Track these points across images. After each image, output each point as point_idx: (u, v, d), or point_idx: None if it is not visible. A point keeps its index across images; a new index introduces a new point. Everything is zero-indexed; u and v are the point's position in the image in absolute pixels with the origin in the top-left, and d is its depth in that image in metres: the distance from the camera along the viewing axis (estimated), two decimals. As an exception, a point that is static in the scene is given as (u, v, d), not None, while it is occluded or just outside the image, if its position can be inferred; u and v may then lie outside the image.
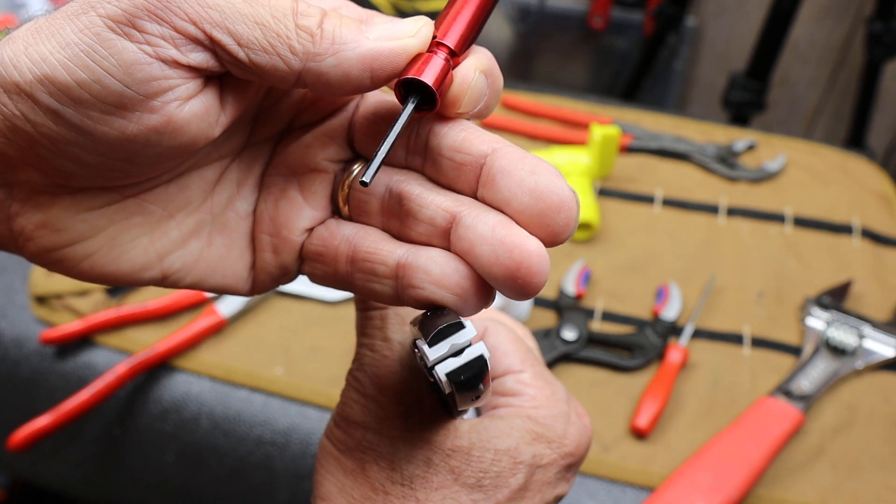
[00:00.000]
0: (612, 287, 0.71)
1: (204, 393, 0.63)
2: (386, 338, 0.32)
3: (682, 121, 0.91)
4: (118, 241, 0.27)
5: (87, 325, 0.65)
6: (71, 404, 0.60)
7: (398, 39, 0.25)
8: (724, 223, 0.78)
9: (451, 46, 0.25)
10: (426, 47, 0.25)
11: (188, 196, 0.28)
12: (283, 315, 0.68)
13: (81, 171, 0.25)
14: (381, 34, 0.24)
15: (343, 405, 0.33)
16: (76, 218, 0.26)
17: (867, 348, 0.64)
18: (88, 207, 0.26)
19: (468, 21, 0.26)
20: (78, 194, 0.26)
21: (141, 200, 0.27)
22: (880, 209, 0.80)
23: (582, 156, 0.79)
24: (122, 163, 0.25)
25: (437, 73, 0.25)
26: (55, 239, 0.26)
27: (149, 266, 0.28)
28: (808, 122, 1.58)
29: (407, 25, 0.25)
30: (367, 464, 0.31)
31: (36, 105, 0.23)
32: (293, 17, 0.24)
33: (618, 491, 0.57)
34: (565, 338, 0.64)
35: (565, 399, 0.34)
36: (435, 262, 0.25)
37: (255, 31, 0.23)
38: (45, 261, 0.27)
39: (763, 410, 0.59)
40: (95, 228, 0.26)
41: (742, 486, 0.54)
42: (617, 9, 1.47)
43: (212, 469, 0.63)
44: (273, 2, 0.24)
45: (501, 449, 0.31)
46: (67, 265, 0.27)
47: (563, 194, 0.24)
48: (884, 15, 1.23)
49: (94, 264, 0.27)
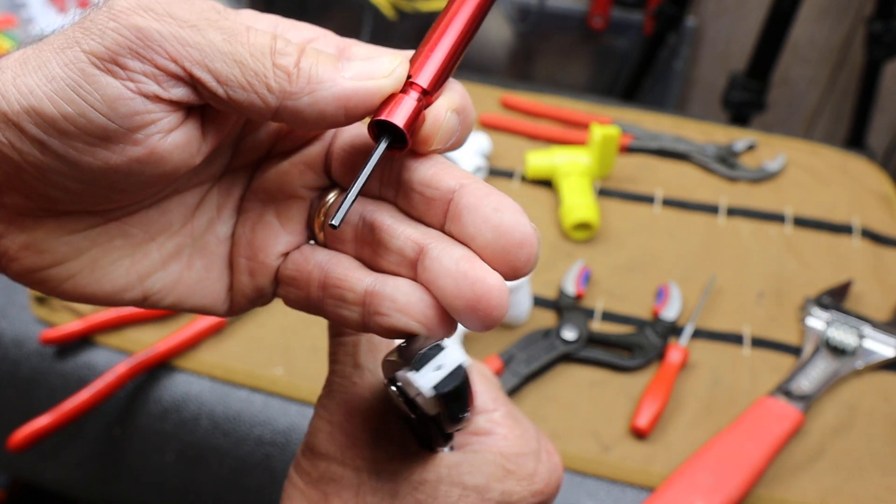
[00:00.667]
0: (612, 287, 0.71)
1: (204, 393, 0.63)
2: (357, 364, 0.32)
3: (682, 121, 0.91)
4: (100, 262, 0.28)
5: (87, 325, 0.65)
6: (71, 404, 0.60)
7: (373, 80, 0.25)
8: (724, 223, 0.78)
9: (423, 86, 0.26)
10: (400, 86, 0.26)
11: (169, 220, 0.29)
12: (283, 315, 0.68)
13: (65, 197, 0.25)
14: (356, 73, 0.25)
15: (310, 434, 0.32)
16: (59, 240, 0.27)
17: (867, 348, 0.64)
18: (72, 230, 0.27)
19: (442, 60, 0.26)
20: (62, 217, 0.26)
21: (123, 224, 0.28)
22: (880, 209, 0.80)
23: (582, 156, 0.79)
24: (105, 190, 0.25)
25: (408, 114, 0.25)
26: (38, 260, 0.27)
27: (130, 287, 0.28)
28: (808, 122, 1.58)
29: (383, 65, 0.25)
30: (330, 496, 0.31)
31: (23, 134, 0.23)
32: (270, 56, 0.24)
33: (618, 491, 0.57)
34: (565, 338, 0.64)
35: (536, 437, 0.35)
36: (401, 290, 0.26)
37: (233, 70, 0.24)
38: (28, 281, 0.27)
39: (763, 410, 0.59)
40: (78, 250, 0.27)
41: (742, 486, 0.54)
42: (617, 9, 1.47)
43: (212, 469, 0.63)
44: (252, 40, 0.24)
45: (470, 485, 0.31)
46: (50, 285, 0.27)
47: (526, 231, 0.25)
48: (884, 15, 1.23)
49: (77, 285, 0.27)
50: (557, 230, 0.76)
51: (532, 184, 0.82)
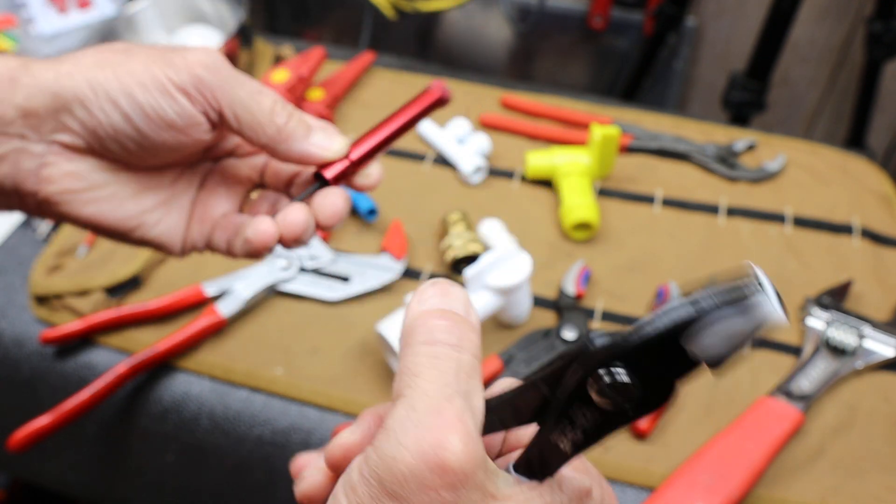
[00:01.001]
0: (612, 287, 0.71)
1: (204, 393, 0.63)
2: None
3: (682, 121, 0.91)
4: (117, 196, 0.40)
5: (87, 325, 0.65)
6: (71, 404, 0.60)
7: (325, 150, 0.40)
8: (724, 223, 0.78)
9: (353, 160, 0.41)
10: (343, 155, 0.41)
11: (164, 180, 0.42)
12: (283, 315, 0.68)
13: (119, 151, 0.38)
14: (318, 142, 0.40)
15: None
16: (96, 173, 0.39)
17: (867, 348, 0.64)
18: (106, 169, 0.39)
19: (370, 147, 0.41)
20: (103, 159, 0.39)
21: (139, 174, 0.41)
22: (880, 209, 0.80)
23: (582, 156, 0.79)
24: (148, 153, 0.39)
25: (336, 172, 0.41)
26: (75, 184, 0.38)
27: (130, 219, 0.40)
28: (808, 122, 1.58)
29: (335, 143, 0.40)
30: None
31: (116, 107, 0.37)
32: (270, 116, 0.38)
33: (618, 491, 0.57)
34: (565, 338, 0.64)
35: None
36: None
37: (247, 115, 0.38)
38: (56, 200, 0.38)
39: (763, 410, 0.59)
40: (106, 183, 0.39)
41: (742, 486, 0.54)
42: (617, 9, 1.47)
43: (212, 469, 0.63)
44: (263, 101, 0.38)
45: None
46: (74, 206, 0.39)
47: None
48: (884, 15, 1.23)
49: (96, 210, 0.39)
50: (557, 230, 0.76)
51: (532, 184, 0.82)
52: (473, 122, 0.88)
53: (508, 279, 0.62)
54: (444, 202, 0.79)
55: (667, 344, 0.25)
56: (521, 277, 0.63)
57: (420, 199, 0.79)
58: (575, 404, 0.27)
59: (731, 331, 0.24)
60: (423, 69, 0.99)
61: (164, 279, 0.71)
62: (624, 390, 0.26)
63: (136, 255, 0.71)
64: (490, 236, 0.73)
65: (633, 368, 0.25)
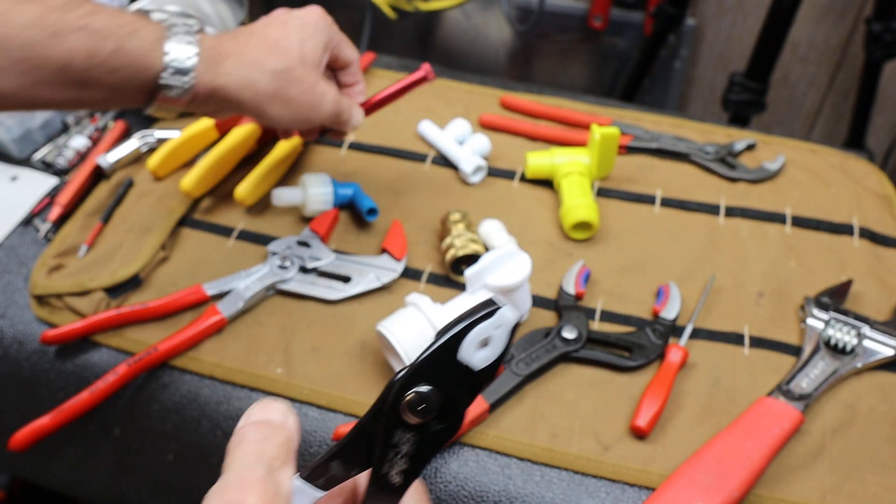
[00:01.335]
0: (612, 287, 0.71)
1: (204, 393, 0.63)
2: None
3: (682, 121, 0.91)
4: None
5: (87, 325, 0.65)
6: (71, 404, 0.60)
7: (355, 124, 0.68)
8: (724, 223, 0.78)
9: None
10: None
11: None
12: (283, 315, 0.68)
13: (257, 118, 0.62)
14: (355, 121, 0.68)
15: None
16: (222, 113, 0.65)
17: (867, 348, 0.64)
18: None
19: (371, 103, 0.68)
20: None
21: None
22: (880, 209, 0.80)
23: (582, 156, 0.80)
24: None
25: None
26: (210, 111, 0.63)
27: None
28: (808, 122, 1.58)
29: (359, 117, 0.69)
30: None
31: (258, 92, 0.59)
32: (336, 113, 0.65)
33: (618, 491, 0.57)
34: (565, 337, 0.64)
35: None
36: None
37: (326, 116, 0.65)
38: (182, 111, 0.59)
39: (763, 410, 0.59)
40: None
41: (742, 486, 0.54)
42: (617, 9, 1.47)
43: (212, 469, 0.63)
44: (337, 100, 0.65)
45: None
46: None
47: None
48: (884, 15, 1.23)
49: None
50: (557, 230, 0.76)
51: (532, 184, 0.82)
52: (473, 123, 0.88)
53: (508, 279, 0.62)
54: (444, 202, 0.79)
55: (447, 358, 0.30)
56: (521, 277, 0.63)
57: (420, 199, 0.79)
58: (395, 431, 0.31)
59: (483, 334, 0.30)
60: (423, 69, 0.99)
61: (165, 279, 0.71)
62: (427, 400, 0.31)
63: (137, 254, 0.71)
64: (490, 236, 0.73)
65: (431, 383, 0.31)
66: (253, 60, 0.59)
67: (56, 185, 0.81)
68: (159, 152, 0.79)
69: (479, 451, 0.59)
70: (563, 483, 0.58)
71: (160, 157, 0.79)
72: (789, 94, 1.54)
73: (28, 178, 0.82)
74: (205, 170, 0.76)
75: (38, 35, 0.49)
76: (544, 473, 0.58)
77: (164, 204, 0.77)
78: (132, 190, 0.79)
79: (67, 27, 0.50)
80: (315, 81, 0.63)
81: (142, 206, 0.77)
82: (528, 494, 0.57)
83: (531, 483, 0.58)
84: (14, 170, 0.83)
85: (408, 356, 0.58)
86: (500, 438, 0.59)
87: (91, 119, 0.88)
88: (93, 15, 0.51)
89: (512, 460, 0.59)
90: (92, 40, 0.51)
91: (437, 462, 0.58)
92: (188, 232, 0.76)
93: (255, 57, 0.59)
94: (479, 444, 0.59)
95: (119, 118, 0.89)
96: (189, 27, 0.56)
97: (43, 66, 0.50)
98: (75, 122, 0.87)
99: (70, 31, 0.50)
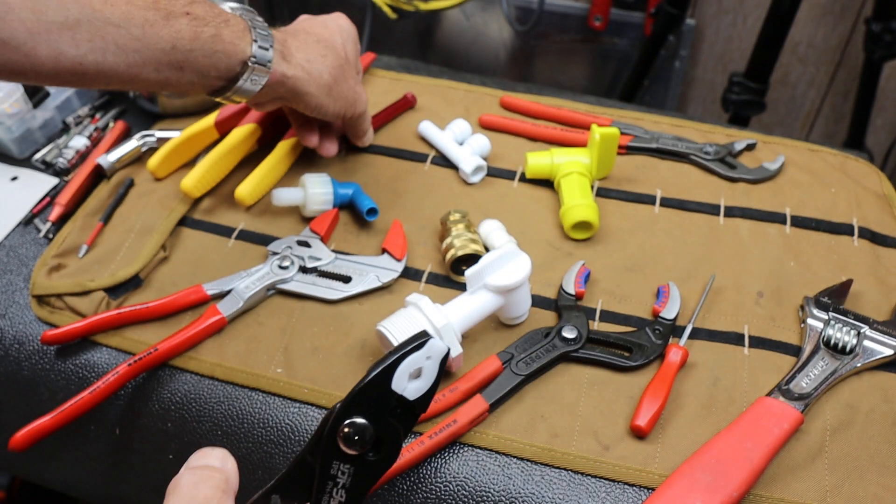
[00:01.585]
0: (611, 287, 0.71)
1: (204, 393, 0.63)
2: None
3: (682, 121, 0.91)
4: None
5: (87, 325, 0.65)
6: (71, 404, 0.60)
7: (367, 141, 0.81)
8: (724, 223, 0.78)
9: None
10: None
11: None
12: (283, 315, 0.68)
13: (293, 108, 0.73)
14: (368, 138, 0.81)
15: None
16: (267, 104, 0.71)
17: (867, 348, 0.64)
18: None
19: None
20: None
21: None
22: (880, 209, 0.80)
23: (582, 156, 0.80)
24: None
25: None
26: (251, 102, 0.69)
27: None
28: (808, 122, 1.58)
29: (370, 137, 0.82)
30: None
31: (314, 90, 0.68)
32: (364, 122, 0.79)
33: (618, 491, 0.57)
34: (565, 337, 0.64)
35: None
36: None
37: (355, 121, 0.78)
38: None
39: (762, 410, 0.59)
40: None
41: (741, 485, 0.54)
42: (617, 9, 1.47)
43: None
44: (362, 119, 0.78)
45: None
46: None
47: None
48: (884, 15, 1.23)
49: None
50: (557, 230, 0.77)
51: (532, 184, 0.82)
52: (473, 123, 0.88)
53: (508, 279, 0.62)
54: (444, 202, 0.79)
55: (382, 389, 0.32)
56: (521, 277, 0.63)
57: (420, 199, 0.79)
58: (332, 463, 0.32)
59: (414, 365, 0.32)
60: (423, 69, 0.99)
61: (165, 279, 0.71)
62: (362, 432, 0.32)
63: (137, 254, 0.71)
64: (490, 236, 0.73)
65: (366, 415, 0.32)
66: (315, 56, 0.67)
67: (56, 185, 0.81)
68: (159, 152, 0.79)
69: (479, 451, 0.59)
70: (563, 483, 0.58)
71: (160, 157, 0.79)
72: (789, 94, 1.54)
73: (28, 178, 0.82)
74: (205, 170, 0.76)
75: (155, 16, 0.55)
76: (544, 473, 0.58)
77: (164, 204, 0.77)
78: (132, 190, 0.79)
79: (177, 11, 0.57)
80: (356, 81, 0.74)
81: (142, 206, 0.77)
82: (528, 494, 0.57)
83: (531, 483, 0.58)
84: (14, 170, 0.83)
85: (408, 356, 0.58)
86: (500, 438, 0.59)
87: (91, 119, 0.88)
88: (194, 4, 0.58)
89: (512, 460, 0.59)
90: (196, 25, 0.57)
91: (437, 462, 0.59)
92: (188, 232, 0.76)
93: (317, 53, 0.68)
94: (479, 444, 0.59)
95: (119, 118, 0.89)
96: (262, 22, 0.64)
97: (153, 46, 0.56)
98: (75, 122, 0.88)
99: (178, 16, 0.57)
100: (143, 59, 0.56)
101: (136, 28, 0.54)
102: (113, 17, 0.53)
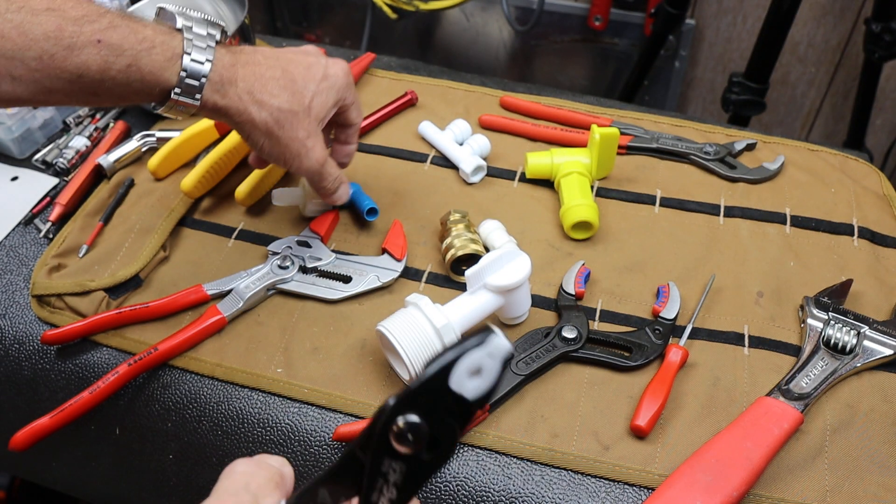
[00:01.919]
0: (611, 287, 0.71)
1: (204, 393, 0.63)
2: None
3: (682, 121, 0.91)
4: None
5: (87, 325, 0.65)
6: (71, 404, 0.60)
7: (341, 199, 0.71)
8: (724, 223, 0.78)
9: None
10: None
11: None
12: (283, 315, 0.68)
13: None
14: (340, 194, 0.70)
15: None
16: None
17: (867, 348, 0.64)
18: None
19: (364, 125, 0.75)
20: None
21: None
22: (880, 209, 0.80)
23: (582, 156, 0.80)
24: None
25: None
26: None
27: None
28: (808, 122, 1.59)
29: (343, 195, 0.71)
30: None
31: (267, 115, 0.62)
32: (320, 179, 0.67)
33: (618, 491, 0.57)
34: (565, 337, 0.64)
35: None
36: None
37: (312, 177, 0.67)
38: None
39: (762, 410, 0.59)
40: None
41: (741, 485, 0.55)
42: (617, 9, 1.47)
43: (212, 468, 0.63)
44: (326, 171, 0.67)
45: None
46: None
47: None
48: (884, 15, 1.23)
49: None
50: (557, 230, 0.77)
51: (532, 184, 0.82)
52: (473, 123, 0.88)
53: (508, 279, 0.62)
54: (444, 202, 0.79)
55: (440, 387, 0.30)
56: (521, 277, 0.63)
57: (420, 199, 0.79)
58: (384, 460, 0.31)
59: (475, 363, 0.30)
60: (423, 69, 0.99)
61: (165, 279, 0.71)
62: (416, 431, 0.30)
63: (137, 254, 0.71)
64: (490, 236, 0.73)
65: (421, 413, 0.30)
66: (264, 92, 0.60)
67: (56, 185, 0.81)
68: (160, 152, 0.79)
69: (479, 451, 0.59)
70: (563, 483, 0.58)
71: (160, 158, 0.79)
72: (789, 94, 1.54)
73: (29, 178, 0.82)
74: (205, 170, 0.76)
75: (53, 47, 0.51)
76: (544, 473, 0.58)
77: (164, 204, 0.77)
78: (133, 190, 0.79)
79: (83, 41, 0.52)
80: (309, 134, 0.63)
81: (142, 207, 0.77)
82: (528, 494, 0.57)
83: (531, 483, 0.58)
84: (15, 170, 0.83)
85: (408, 356, 0.58)
86: (500, 438, 0.59)
87: (92, 119, 0.88)
88: (110, 29, 0.53)
89: (512, 460, 0.59)
90: (106, 55, 0.53)
91: (437, 462, 0.59)
92: (188, 232, 0.76)
93: (268, 89, 0.60)
94: (479, 444, 0.59)
95: (119, 118, 0.89)
96: (208, 40, 0.57)
97: (56, 77, 0.52)
98: (76, 122, 0.88)
99: (85, 45, 0.52)
100: (47, 88, 0.53)
101: (32, 60, 0.51)
102: (5, 51, 0.50)
